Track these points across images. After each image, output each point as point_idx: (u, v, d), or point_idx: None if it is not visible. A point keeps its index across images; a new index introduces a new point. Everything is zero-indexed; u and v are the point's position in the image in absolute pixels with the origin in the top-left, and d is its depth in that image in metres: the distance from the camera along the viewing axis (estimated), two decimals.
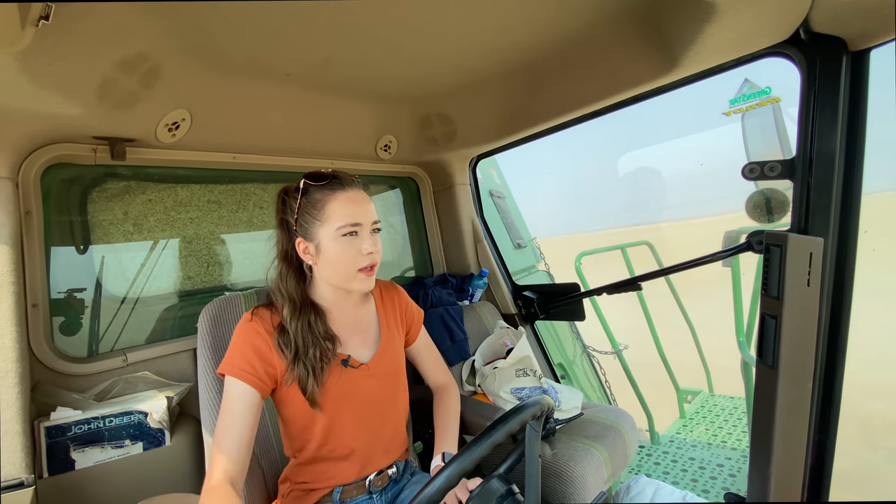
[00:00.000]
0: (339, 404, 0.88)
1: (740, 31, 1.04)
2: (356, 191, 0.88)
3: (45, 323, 1.12)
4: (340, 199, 0.85)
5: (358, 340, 0.95)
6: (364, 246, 0.85)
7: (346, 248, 0.84)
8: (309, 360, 0.84)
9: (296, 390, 0.85)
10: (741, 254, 1.35)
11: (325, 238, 0.85)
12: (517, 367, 1.65)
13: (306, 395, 0.84)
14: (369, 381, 0.92)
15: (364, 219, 0.86)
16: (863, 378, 1.61)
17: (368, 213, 0.87)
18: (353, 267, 0.85)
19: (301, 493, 0.91)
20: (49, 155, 1.13)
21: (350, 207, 0.85)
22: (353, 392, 0.90)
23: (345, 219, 0.84)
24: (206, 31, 1.00)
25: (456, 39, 1.19)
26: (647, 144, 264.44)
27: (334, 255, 0.85)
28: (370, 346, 0.96)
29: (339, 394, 0.88)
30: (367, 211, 0.87)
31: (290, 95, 1.36)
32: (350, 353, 0.92)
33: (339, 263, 0.86)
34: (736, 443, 2.33)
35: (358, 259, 0.85)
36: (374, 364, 0.93)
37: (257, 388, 0.82)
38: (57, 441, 1.02)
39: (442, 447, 0.97)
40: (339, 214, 0.84)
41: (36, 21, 0.71)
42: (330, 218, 0.84)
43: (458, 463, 0.61)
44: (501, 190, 3.28)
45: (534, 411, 0.72)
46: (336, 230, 0.84)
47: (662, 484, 1.52)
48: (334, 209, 0.84)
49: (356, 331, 0.96)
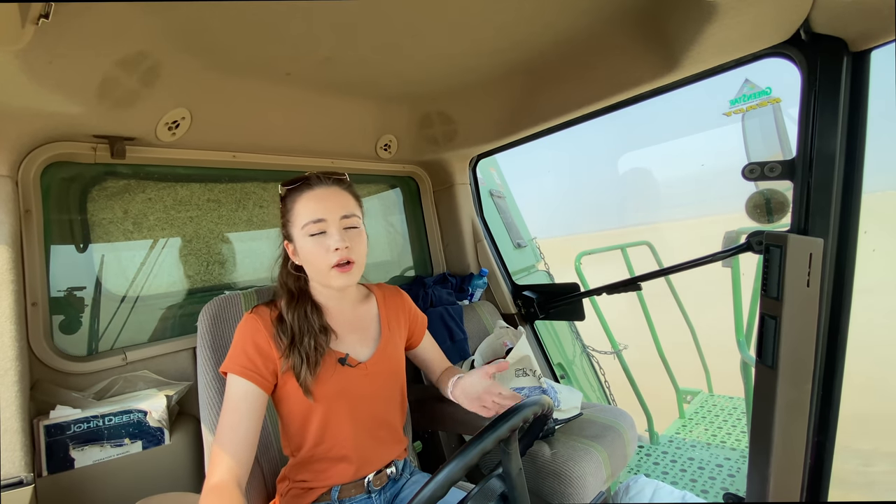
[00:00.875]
0: (334, 401, 0.88)
1: (741, 32, 1.03)
2: (324, 188, 0.88)
3: (44, 321, 1.12)
4: (305, 197, 0.87)
5: (356, 338, 0.95)
6: (331, 242, 0.85)
7: (315, 245, 0.85)
8: (304, 347, 0.85)
9: (293, 386, 0.85)
10: (741, 254, 1.35)
11: (298, 238, 0.87)
12: (517, 366, 1.65)
13: (300, 382, 0.84)
14: (367, 379, 0.92)
15: (328, 214, 0.85)
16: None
17: (334, 208, 0.86)
18: (325, 264, 0.85)
19: (299, 492, 0.91)
20: (49, 153, 1.13)
21: (312, 204, 0.86)
22: (349, 389, 0.90)
23: (307, 216, 0.85)
24: (207, 30, 1.00)
25: (456, 39, 1.19)
26: (648, 144, 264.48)
27: (306, 253, 0.86)
28: (369, 345, 0.96)
29: (334, 390, 0.88)
30: (332, 206, 0.86)
31: (291, 94, 1.36)
32: (348, 350, 0.92)
33: (312, 261, 0.87)
34: (735, 443, 2.33)
35: (329, 256, 0.85)
36: (372, 363, 0.93)
37: (260, 385, 0.82)
38: (56, 439, 1.02)
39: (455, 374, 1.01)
40: (303, 212, 0.86)
41: (36, 19, 0.71)
42: (297, 217, 0.87)
43: (459, 459, 0.61)
44: (501, 190, 3.27)
45: (533, 410, 0.72)
46: (302, 229, 0.86)
47: (661, 484, 1.52)
48: (299, 209, 0.87)
49: (355, 328, 0.96)
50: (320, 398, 0.87)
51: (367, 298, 1.03)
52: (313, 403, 0.86)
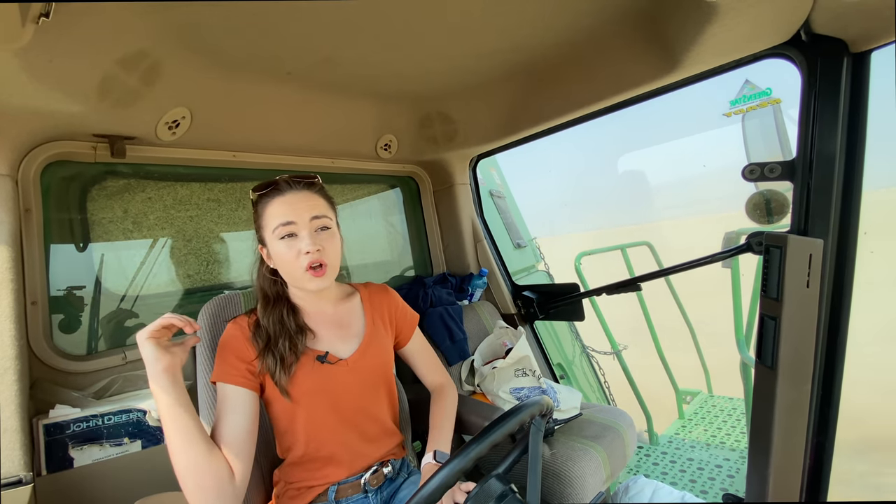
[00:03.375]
0: (315, 399, 0.89)
1: (741, 33, 1.03)
2: (294, 192, 0.89)
3: (44, 320, 1.12)
4: (276, 202, 0.87)
5: (337, 335, 0.95)
6: (302, 245, 0.85)
7: (286, 249, 0.85)
8: (278, 350, 0.86)
9: (274, 388, 0.86)
10: (741, 255, 1.35)
11: (270, 242, 0.88)
12: (516, 366, 1.65)
13: (276, 383, 0.85)
14: (349, 376, 0.92)
15: (297, 217, 0.86)
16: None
17: (304, 210, 0.86)
18: (297, 267, 0.86)
19: (296, 493, 0.91)
20: (49, 152, 1.13)
21: (281, 208, 0.86)
22: (330, 387, 0.90)
23: (276, 219, 0.86)
24: (207, 30, 1.00)
25: (457, 39, 1.19)
26: (649, 145, 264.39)
27: (279, 257, 0.87)
28: (351, 342, 0.96)
29: (313, 388, 0.88)
30: (302, 209, 0.87)
31: (291, 94, 1.36)
32: (328, 348, 0.92)
33: (284, 265, 0.87)
34: (734, 444, 2.33)
35: (300, 259, 0.85)
36: (354, 359, 0.93)
37: (247, 385, 0.83)
38: (55, 439, 1.02)
39: (434, 445, 0.97)
40: (273, 216, 0.87)
41: (36, 18, 0.71)
42: (268, 222, 0.87)
43: (457, 462, 0.61)
44: (501, 190, 3.27)
45: (532, 411, 0.71)
46: (272, 233, 0.86)
47: (661, 484, 1.52)
48: (270, 213, 0.87)
49: (336, 325, 0.96)
50: (299, 397, 0.87)
51: (350, 297, 1.03)
52: (294, 403, 0.87)
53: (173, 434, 0.72)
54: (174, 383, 0.73)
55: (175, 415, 0.72)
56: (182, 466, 0.72)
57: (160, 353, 0.72)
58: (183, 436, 0.72)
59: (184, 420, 0.73)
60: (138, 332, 0.74)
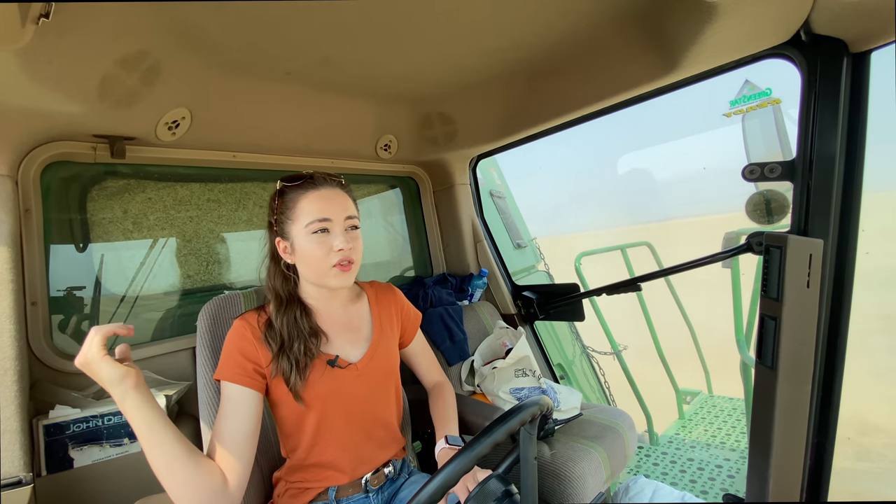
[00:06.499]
0: (327, 403, 0.88)
1: (741, 33, 1.03)
2: (329, 189, 0.88)
3: (44, 321, 1.12)
4: (310, 196, 0.86)
5: (347, 339, 0.95)
6: (335, 242, 0.85)
7: (317, 245, 0.85)
8: (293, 353, 0.85)
9: (284, 391, 0.85)
10: (741, 255, 1.35)
11: (297, 236, 0.86)
12: (516, 367, 1.65)
13: (290, 388, 0.84)
14: (359, 380, 0.92)
15: (333, 214, 0.86)
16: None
17: (339, 209, 0.87)
18: (326, 264, 0.85)
19: (296, 492, 0.91)
20: (49, 153, 1.13)
21: (318, 204, 0.86)
22: (341, 391, 0.90)
23: (312, 215, 0.85)
24: (207, 30, 1.00)
25: (457, 39, 1.19)
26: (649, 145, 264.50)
27: (306, 252, 0.86)
28: (360, 345, 0.96)
29: (325, 392, 0.88)
30: (338, 207, 0.87)
31: (291, 94, 1.36)
32: (338, 352, 0.92)
33: (312, 260, 0.86)
34: (735, 444, 2.33)
35: (330, 256, 0.85)
36: (363, 363, 0.93)
37: (253, 386, 0.82)
38: (55, 439, 1.02)
39: (444, 432, 0.97)
40: (308, 211, 0.85)
41: (36, 19, 0.71)
42: (300, 216, 0.86)
43: (457, 462, 0.61)
44: (501, 190, 3.28)
45: (533, 411, 0.71)
46: (305, 227, 0.85)
47: (661, 484, 1.52)
48: (304, 207, 0.86)
49: (345, 329, 0.96)
50: (312, 401, 0.87)
51: (359, 297, 1.03)
52: (305, 407, 0.87)
53: (156, 455, 0.67)
54: (148, 397, 0.68)
55: (155, 430, 0.67)
56: (169, 485, 0.68)
57: (124, 369, 0.66)
58: (168, 455, 0.68)
59: (164, 436, 0.68)
60: (77, 358, 0.66)
